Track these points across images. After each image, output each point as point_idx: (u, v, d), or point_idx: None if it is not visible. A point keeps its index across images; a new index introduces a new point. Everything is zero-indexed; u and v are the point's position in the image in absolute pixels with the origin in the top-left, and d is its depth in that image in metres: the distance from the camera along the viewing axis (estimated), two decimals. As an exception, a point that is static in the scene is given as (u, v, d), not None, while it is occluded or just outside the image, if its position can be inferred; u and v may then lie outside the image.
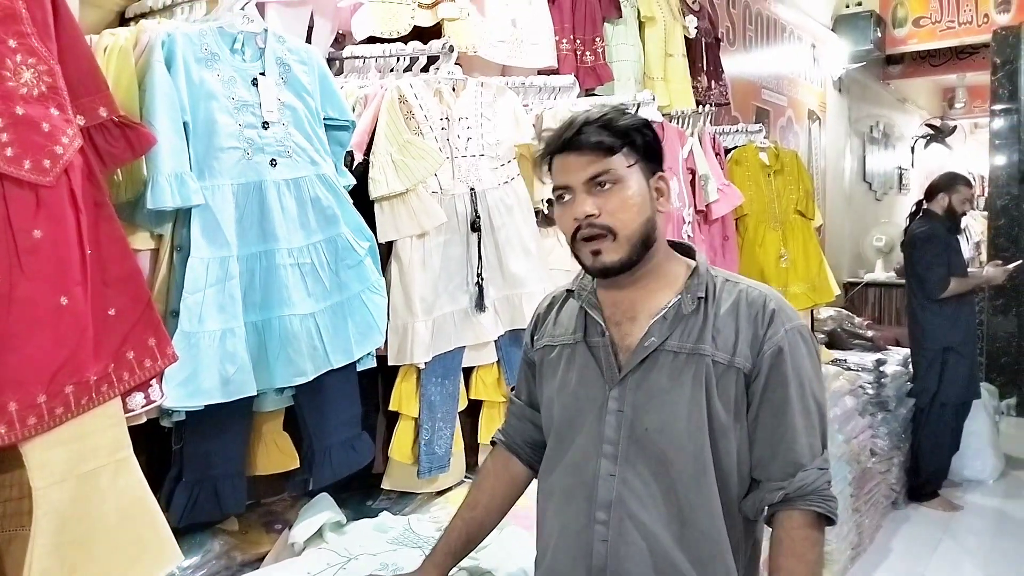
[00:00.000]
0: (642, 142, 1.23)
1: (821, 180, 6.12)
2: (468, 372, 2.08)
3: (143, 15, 1.77)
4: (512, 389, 1.53)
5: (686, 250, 1.33)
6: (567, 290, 1.38)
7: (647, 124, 1.25)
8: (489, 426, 2.12)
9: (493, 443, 1.51)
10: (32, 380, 1.14)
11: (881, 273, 6.77)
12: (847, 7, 6.43)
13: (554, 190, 1.26)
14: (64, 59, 1.22)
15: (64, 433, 1.17)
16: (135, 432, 1.30)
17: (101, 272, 1.22)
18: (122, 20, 1.80)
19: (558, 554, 1.27)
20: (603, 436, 1.23)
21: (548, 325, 1.39)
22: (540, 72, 2.65)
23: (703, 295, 1.23)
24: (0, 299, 1.11)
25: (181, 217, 1.49)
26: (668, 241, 1.30)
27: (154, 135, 1.34)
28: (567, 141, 1.21)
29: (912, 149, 8.57)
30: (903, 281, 4.65)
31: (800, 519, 1.19)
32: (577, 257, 1.25)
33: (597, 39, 3.03)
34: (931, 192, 4.25)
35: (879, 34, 6.41)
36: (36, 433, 1.14)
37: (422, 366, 1.89)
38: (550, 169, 1.27)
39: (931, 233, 4.09)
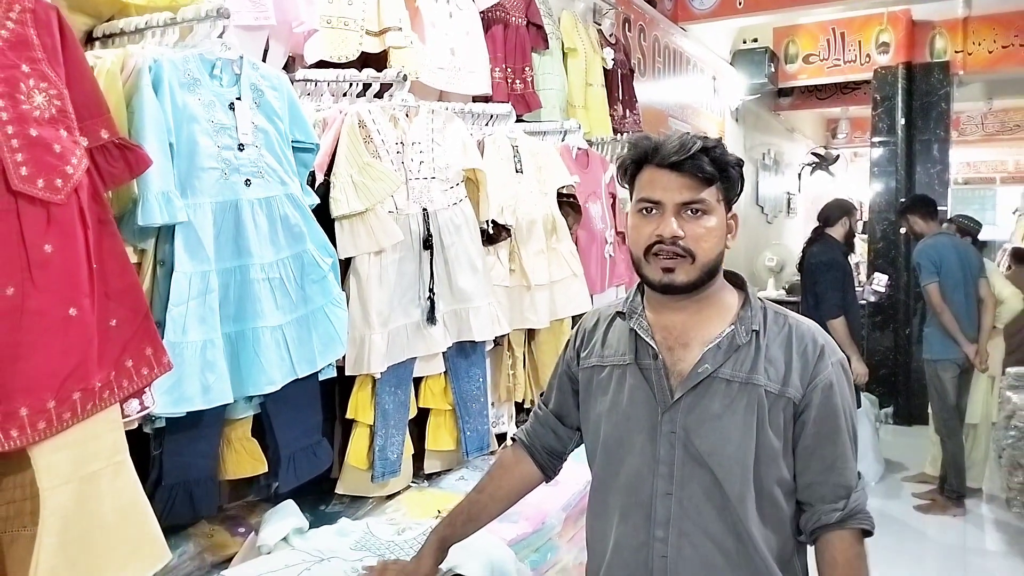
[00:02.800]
0: (734, 179, 1.31)
1: (720, 203, 6.49)
2: (417, 382, 2.20)
3: (111, 36, 1.82)
4: (541, 395, 1.63)
5: (736, 279, 1.41)
6: (617, 312, 1.44)
7: (742, 163, 1.33)
8: (436, 433, 2.25)
9: (512, 439, 1.62)
10: (42, 386, 1.20)
11: (772, 291, 7.24)
12: (744, 43, 6.90)
13: (640, 200, 1.31)
14: (70, 84, 1.30)
15: (70, 437, 1.24)
16: (127, 437, 1.37)
17: (104, 285, 1.30)
18: (89, 39, 1.84)
19: (614, 569, 1.35)
20: (657, 457, 1.31)
21: (595, 344, 1.45)
22: (475, 99, 2.80)
23: (757, 328, 1.31)
24: (13, 310, 1.18)
25: (163, 233, 1.56)
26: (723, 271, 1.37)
27: (149, 157, 1.42)
28: (675, 162, 1.26)
29: (799, 175, 9.20)
30: (795, 299, 5.01)
31: (851, 537, 1.29)
32: (641, 270, 1.32)
33: (527, 68, 3.20)
34: (829, 217, 4.56)
35: (772, 69, 6.90)
36: (45, 437, 1.21)
37: (378, 376, 2.00)
38: (632, 176, 1.33)
39: (833, 259, 4.39)
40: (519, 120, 3.13)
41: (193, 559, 1.61)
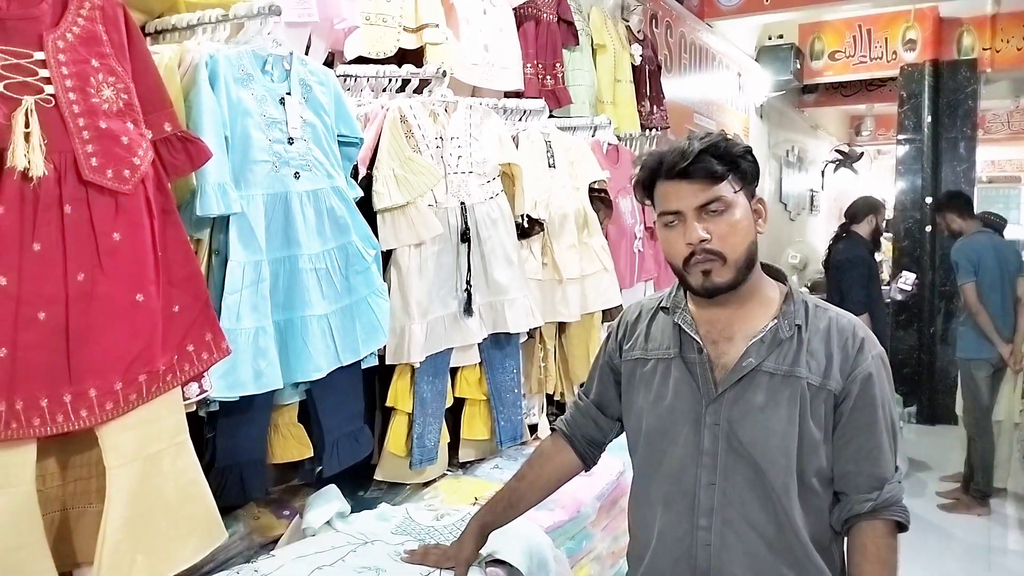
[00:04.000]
0: (746, 168, 1.32)
1: (744, 200, 6.50)
2: (453, 373, 2.24)
3: (162, 31, 1.87)
4: (581, 386, 1.66)
5: (775, 273, 1.43)
6: (661, 306, 1.47)
7: (750, 150, 1.33)
8: (471, 422, 2.29)
9: (553, 429, 1.66)
10: (111, 369, 1.26)
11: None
12: (770, 39, 6.89)
13: (661, 215, 1.34)
14: (135, 78, 1.35)
15: (135, 418, 1.29)
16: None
17: (168, 273, 1.35)
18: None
19: (658, 557, 1.39)
20: (701, 448, 1.34)
21: (639, 337, 1.49)
22: (507, 94, 2.84)
23: (800, 322, 1.34)
24: (83, 295, 1.24)
25: (218, 223, 1.61)
26: (761, 264, 1.39)
27: (209, 149, 1.47)
28: (681, 170, 1.29)
29: (822, 173, 9.17)
30: (819, 296, 4.99)
31: (883, 528, 1.31)
32: (684, 279, 1.36)
33: (557, 64, 3.24)
34: (856, 214, 4.56)
35: (798, 65, 6.88)
36: (112, 417, 1.26)
37: (417, 365, 2.04)
38: (649, 191, 1.36)
39: (858, 256, 4.39)
40: (550, 116, 3.16)
41: (243, 539, 1.67)
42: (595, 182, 2.79)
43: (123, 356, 1.27)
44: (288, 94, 1.73)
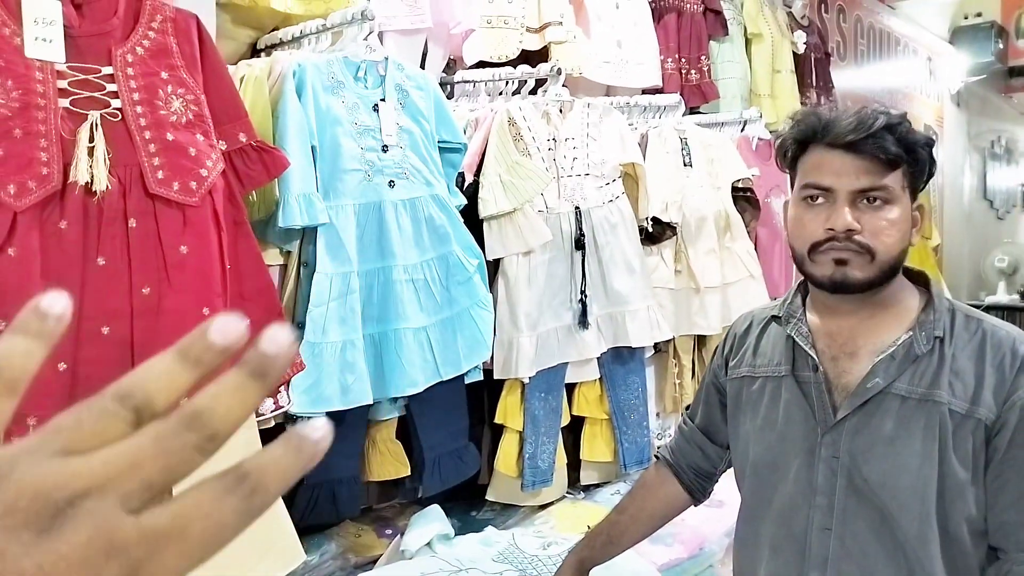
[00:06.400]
0: (923, 162, 1.10)
1: (939, 198, 5.87)
2: (571, 389, 2.11)
3: (274, 46, 1.89)
4: (687, 409, 1.48)
5: (917, 276, 1.19)
6: (772, 315, 1.25)
7: (931, 143, 1.11)
8: (591, 443, 2.14)
9: (656, 457, 1.48)
10: (177, 384, 1.23)
11: (1004, 295, 6.41)
12: (966, 18, 6.16)
13: (805, 186, 1.11)
14: (208, 89, 1.34)
15: (203, 434, 1.27)
16: (263, 436, 1.39)
17: (239, 285, 1.32)
18: (254, 51, 1.93)
19: None
20: (815, 485, 1.13)
21: (747, 352, 1.28)
22: (644, 91, 2.67)
23: (940, 334, 1.10)
24: (150, 309, 1.22)
25: (308, 235, 1.58)
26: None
27: (287, 159, 1.44)
28: (851, 142, 1.06)
29: (1038, 165, 8.11)
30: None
31: None
32: (804, 268, 1.13)
33: (703, 57, 3.03)
34: None
35: (1000, 45, 6.10)
36: (179, 433, 1.24)
37: (527, 380, 1.93)
38: (794, 157, 1.14)
39: None
40: (695, 111, 2.96)
41: (335, 559, 1.62)
42: (739, 180, 2.55)
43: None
44: (382, 100, 1.68)
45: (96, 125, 1.19)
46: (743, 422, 1.26)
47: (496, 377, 1.91)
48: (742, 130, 2.89)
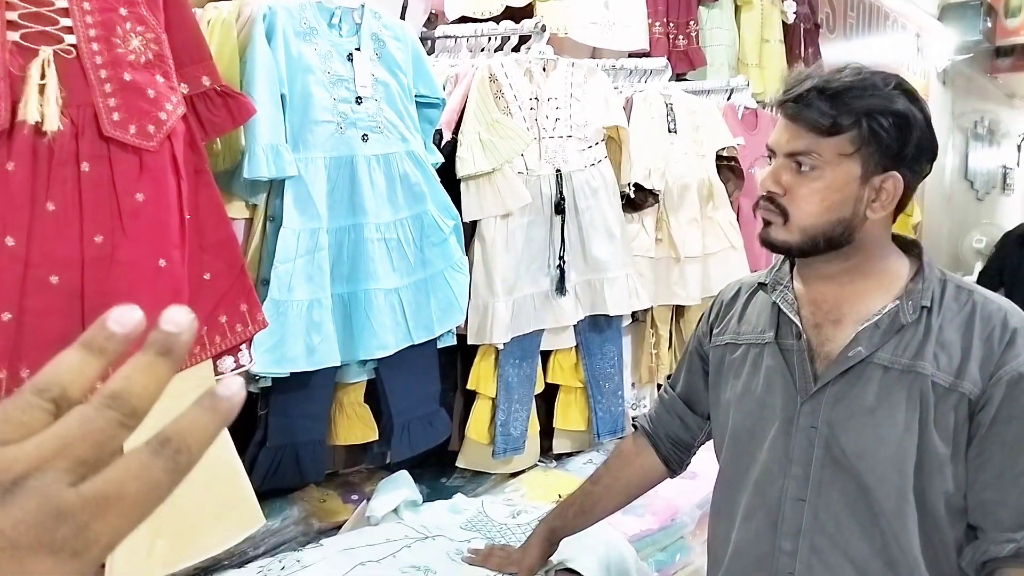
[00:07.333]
0: (876, 131, 1.02)
1: (919, 176, 5.85)
2: (546, 356, 2.06)
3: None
4: (668, 378, 1.45)
5: (910, 245, 1.15)
6: (759, 283, 1.23)
7: (893, 112, 1.02)
8: (565, 411, 2.11)
9: (635, 426, 1.45)
10: (130, 339, 1.17)
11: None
12: (956, -5, 6.12)
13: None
14: (170, 28, 1.26)
15: (158, 392, 1.21)
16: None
17: (198, 237, 1.26)
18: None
19: None
20: (791, 455, 1.10)
21: (732, 319, 1.25)
22: (631, 55, 2.60)
23: (927, 304, 1.07)
24: (102, 259, 1.16)
25: (275, 188, 1.51)
26: (893, 235, 1.13)
27: (254, 105, 1.37)
28: (781, 104, 1.07)
29: (1019, 147, 8.13)
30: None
31: None
32: None
33: (691, 23, 2.96)
34: None
35: (989, 24, 6.07)
36: (132, 390, 1.18)
37: (501, 346, 1.88)
38: None
39: None
40: (682, 78, 2.90)
41: (298, 524, 1.57)
42: (723, 149, 2.50)
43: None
44: (357, 49, 1.61)
45: (48, 62, 1.11)
46: (724, 390, 1.24)
47: (470, 342, 1.86)
48: (728, 98, 2.83)
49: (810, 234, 1.07)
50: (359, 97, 1.60)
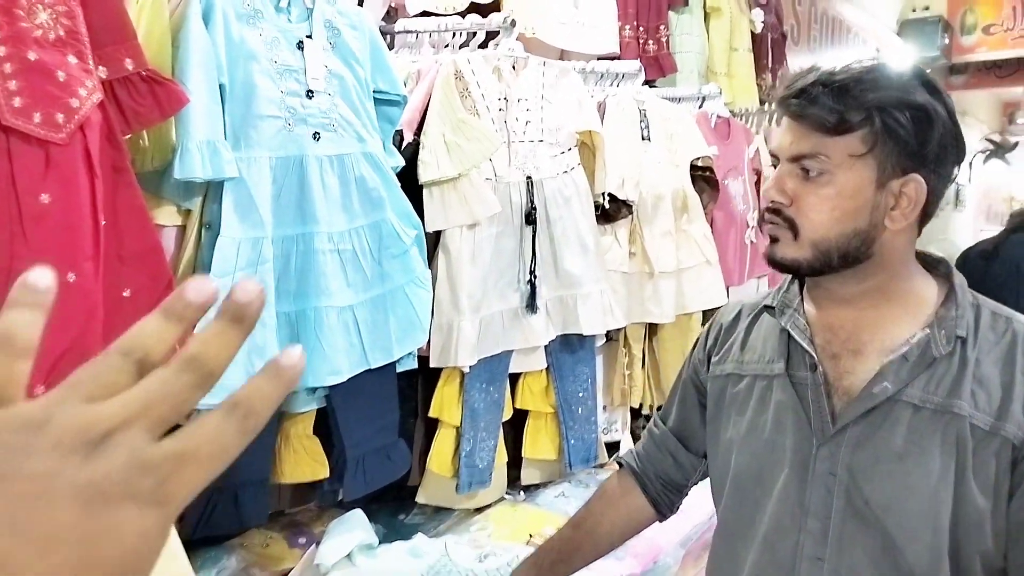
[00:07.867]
0: (891, 127, 0.90)
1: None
2: (514, 379, 1.90)
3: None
4: (658, 409, 1.30)
5: (935, 263, 1.02)
6: (765, 306, 1.09)
7: (910, 104, 0.90)
8: (535, 439, 1.94)
9: (620, 464, 1.29)
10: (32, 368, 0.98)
11: (934, 292, 6.48)
12: (914, 11, 6.15)
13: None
14: (87, 2, 1.07)
15: (65, 431, 1.02)
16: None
17: (117, 246, 1.08)
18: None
19: None
20: (807, 506, 0.96)
21: (734, 346, 1.11)
22: (600, 58, 2.47)
23: (963, 334, 0.93)
24: (-2, 271, 0.96)
25: (212, 191, 1.33)
26: (917, 253, 1.00)
27: (186, 95, 1.18)
28: (783, 102, 0.94)
29: (970, 164, 8.25)
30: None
31: None
32: None
33: (662, 27, 2.84)
34: None
35: (946, 41, 6.12)
36: (32, 430, 0.99)
37: (467, 369, 1.71)
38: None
39: None
40: (650, 85, 2.77)
41: (236, 575, 1.38)
42: (699, 159, 2.38)
43: (48, 352, 0.99)
44: (308, 37, 1.43)
45: (-72, 33, 0.92)
46: (725, 427, 1.08)
47: (432, 365, 1.69)
48: (700, 106, 2.72)
49: (822, 248, 0.94)
50: (310, 91, 1.42)
